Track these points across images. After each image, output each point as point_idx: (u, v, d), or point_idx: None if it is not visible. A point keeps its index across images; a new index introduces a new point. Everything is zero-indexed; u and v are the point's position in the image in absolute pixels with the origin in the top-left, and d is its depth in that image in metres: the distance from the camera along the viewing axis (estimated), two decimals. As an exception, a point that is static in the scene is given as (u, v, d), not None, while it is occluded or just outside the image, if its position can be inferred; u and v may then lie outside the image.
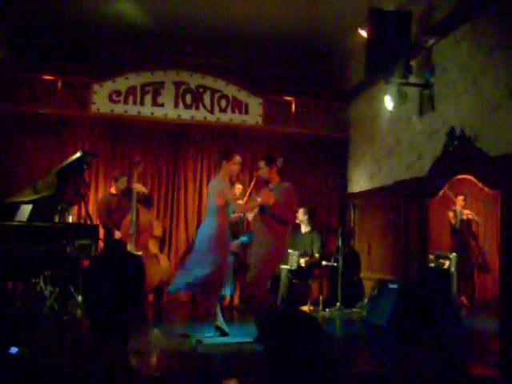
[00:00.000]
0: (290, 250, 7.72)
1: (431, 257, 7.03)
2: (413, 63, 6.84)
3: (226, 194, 5.56)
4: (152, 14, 8.50)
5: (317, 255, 7.90)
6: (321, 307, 7.86)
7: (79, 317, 6.76)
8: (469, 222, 8.00)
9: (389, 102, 7.12)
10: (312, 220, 8.21)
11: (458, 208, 7.89)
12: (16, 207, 6.52)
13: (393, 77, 6.80)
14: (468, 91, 6.10)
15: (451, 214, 7.94)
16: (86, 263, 7.74)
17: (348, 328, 6.96)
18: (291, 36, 9.07)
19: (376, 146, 8.37)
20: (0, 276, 5.95)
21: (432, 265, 7.01)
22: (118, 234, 7.35)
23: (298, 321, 1.95)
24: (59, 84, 8.49)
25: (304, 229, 8.11)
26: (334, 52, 9.73)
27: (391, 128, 7.86)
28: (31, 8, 8.47)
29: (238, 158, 5.82)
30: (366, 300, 7.36)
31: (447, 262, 7.14)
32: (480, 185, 6.19)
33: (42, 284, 7.11)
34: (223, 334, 5.37)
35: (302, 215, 8.03)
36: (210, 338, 5.23)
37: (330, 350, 5.00)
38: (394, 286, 6.74)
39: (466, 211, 7.96)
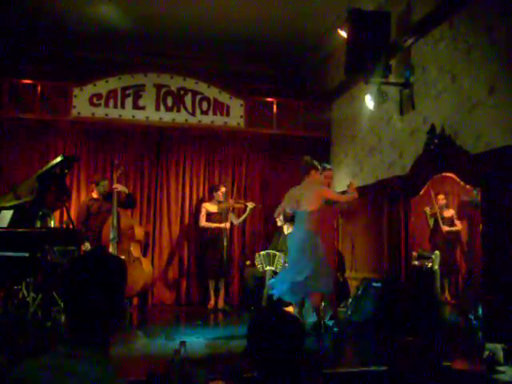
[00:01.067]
0: (276, 252, 7.74)
1: (414, 255, 7.07)
2: (392, 63, 6.88)
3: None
4: (131, 16, 8.44)
5: None
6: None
7: (63, 323, 6.70)
8: (451, 220, 8.04)
9: (369, 102, 7.15)
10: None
11: (436, 206, 7.90)
12: (-4, 213, 6.45)
13: (373, 77, 6.83)
14: (447, 89, 6.15)
15: (428, 212, 7.94)
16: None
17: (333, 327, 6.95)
18: (272, 37, 9.07)
19: (358, 145, 8.41)
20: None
21: (416, 263, 7.05)
22: (85, 245, 7.13)
23: (281, 321, 1.95)
24: (39, 88, 8.42)
25: (287, 230, 8.09)
26: (315, 53, 9.75)
27: (372, 127, 7.90)
28: (8, 11, 8.37)
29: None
30: (350, 299, 7.38)
31: (430, 261, 7.19)
32: (462, 183, 6.23)
33: (24, 291, 7.03)
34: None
35: (281, 222, 8.01)
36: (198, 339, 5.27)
37: (314, 350, 5.01)
38: (378, 285, 6.77)
39: (448, 209, 8.00)
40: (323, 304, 6.15)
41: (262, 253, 7.80)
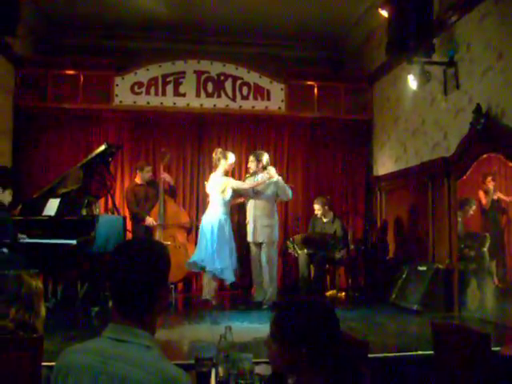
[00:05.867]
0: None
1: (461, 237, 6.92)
2: (436, 41, 6.69)
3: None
4: (170, 3, 8.48)
5: (343, 251, 7.72)
6: (349, 291, 7.84)
7: (110, 308, 6.86)
8: (499, 201, 7.84)
9: (412, 82, 7.00)
10: (332, 208, 8.08)
11: (490, 186, 7.71)
12: (44, 202, 6.61)
13: (415, 56, 6.67)
14: (494, 67, 5.96)
15: (482, 194, 7.78)
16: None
17: (377, 311, 6.91)
18: (311, 19, 8.96)
19: (401, 127, 8.26)
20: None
21: (462, 246, 6.90)
22: (148, 220, 7.39)
23: (313, 309, 1.92)
24: (81, 78, 8.56)
25: (325, 218, 7.95)
26: (355, 34, 9.59)
27: (416, 108, 7.75)
28: (51, 4, 8.51)
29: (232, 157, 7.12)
30: (394, 283, 7.30)
31: (479, 243, 7.02)
32: (510, 163, 6.06)
33: (72, 276, 7.22)
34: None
35: (319, 206, 7.89)
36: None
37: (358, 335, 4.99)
38: (424, 268, 6.68)
39: (497, 191, 7.79)
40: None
41: (296, 237, 7.71)
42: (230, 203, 7.10)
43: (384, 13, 7.05)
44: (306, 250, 7.48)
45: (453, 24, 6.68)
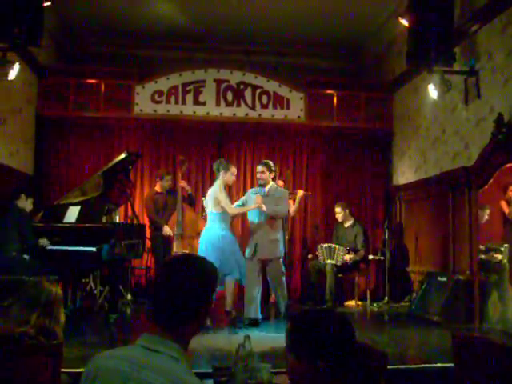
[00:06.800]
0: (336, 245, 7.67)
1: (482, 248, 6.84)
2: (456, 50, 6.66)
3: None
4: (190, 13, 8.55)
5: (362, 252, 7.80)
6: (368, 302, 7.79)
7: (128, 315, 6.89)
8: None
9: (433, 91, 6.96)
10: (352, 214, 8.13)
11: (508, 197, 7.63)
12: (65, 209, 6.68)
13: (436, 65, 6.64)
14: (516, 76, 5.91)
15: (504, 204, 7.69)
16: (133, 263, 7.92)
17: (397, 322, 6.85)
18: (331, 28, 8.97)
19: (421, 136, 8.21)
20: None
21: (483, 257, 6.82)
22: (166, 230, 7.41)
23: (328, 321, 1.90)
24: (103, 87, 8.66)
25: (346, 223, 8.02)
26: (375, 43, 9.58)
27: (436, 118, 7.70)
28: (73, 14, 8.64)
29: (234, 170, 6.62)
30: (414, 294, 7.23)
31: (499, 254, 6.94)
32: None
33: (91, 283, 7.28)
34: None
35: (340, 209, 7.94)
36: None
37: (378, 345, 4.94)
38: (444, 279, 6.61)
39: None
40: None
41: (324, 245, 7.75)
42: (231, 217, 6.50)
43: (404, 22, 7.02)
44: (332, 260, 7.50)
45: (474, 33, 6.64)
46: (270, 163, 6.67)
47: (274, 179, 6.77)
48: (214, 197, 6.32)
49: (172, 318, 1.72)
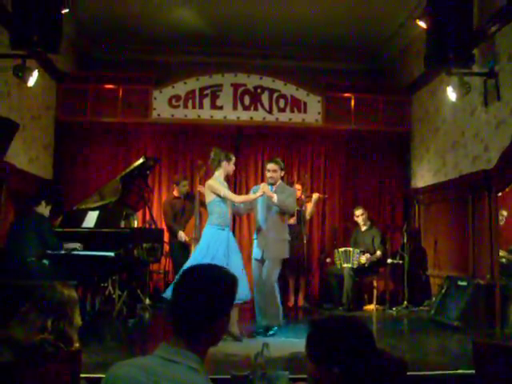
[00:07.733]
0: (351, 249, 7.65)
1: (502, 253, 6.75)
2: (475, 51, 6.59)
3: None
4: (207, 18, 8.58)
5: (378, 252, 7.80)
6: (387, 306, 7.73)
7: (147, 319, 6.92)
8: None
9: (451, 94, 6.89)
10: (369, 217, 8.15)
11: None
12: (84, 214, 6.73)
13: (455, 67, 6.58)
14: (536, 78, 5.83)
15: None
16: (152, 267, 7.94)
17: (416, 327, 6.78)
18: (348, 31, 8.93)
19: (440, 139, 8.14)
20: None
21: (504, 261, 6.73)
22: (181, 235, 7.42)
23: (346, 328, 1.88)
24: (120, 92, 8.71)
25: (363, 226, 8.03)
26: (393, 46, 9.51)
27: (455, 120, 7.62)
28: (91, 21, 8.71)
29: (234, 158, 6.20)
30: (433, 298, 7.16)
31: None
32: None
33: (110, 288, 7.32)
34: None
35: (360, 213, 7.99)
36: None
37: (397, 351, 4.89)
38: (464, 283, 6.53)
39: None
40: None
41: (340, 249, 7.72)
42: (230, 213, 6.01)
43: (422, 24, 6.96)
44: (348, 264, 7.49)
45: (493, 34, 6.56)
46: (281, 161, 6.30)
47: (282, 178, 6.34)
48: (211, 186, 5.84)
49: (191, 328, 1.72)
